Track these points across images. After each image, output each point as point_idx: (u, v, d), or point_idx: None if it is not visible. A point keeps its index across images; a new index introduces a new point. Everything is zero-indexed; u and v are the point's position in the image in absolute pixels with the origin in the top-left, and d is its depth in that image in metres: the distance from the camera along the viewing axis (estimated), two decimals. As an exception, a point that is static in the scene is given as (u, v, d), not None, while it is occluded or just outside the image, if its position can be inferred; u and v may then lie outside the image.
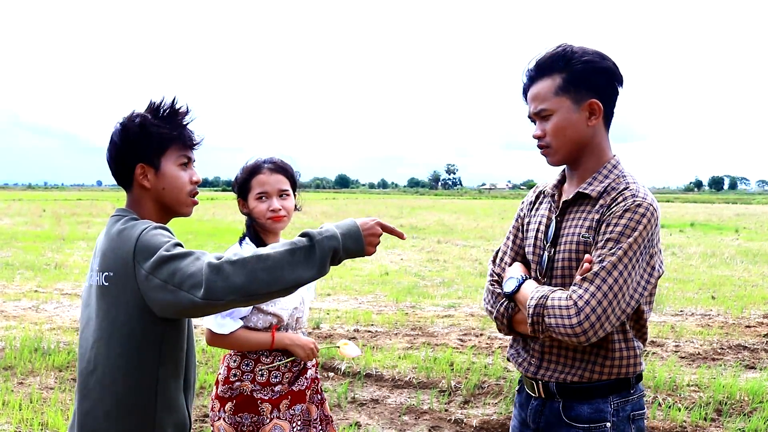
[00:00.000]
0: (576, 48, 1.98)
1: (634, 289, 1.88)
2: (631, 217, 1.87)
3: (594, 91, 1.96)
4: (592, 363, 1.99)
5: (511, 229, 2.28)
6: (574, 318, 1.84)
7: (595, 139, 2.01)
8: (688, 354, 6.83)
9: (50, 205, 39.97)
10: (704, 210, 49.44)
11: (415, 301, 9.60)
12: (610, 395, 1.99)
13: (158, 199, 1.99)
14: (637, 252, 1.87)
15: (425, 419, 4.88)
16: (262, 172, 2.60)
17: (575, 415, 2.01)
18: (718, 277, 12.40)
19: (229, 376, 2.54)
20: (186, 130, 2.01)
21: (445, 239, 20.11)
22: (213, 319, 2.46)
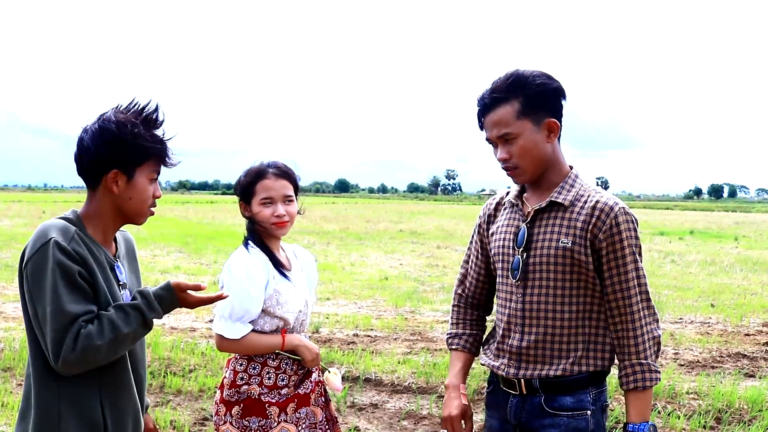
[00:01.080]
0: (527, 72, 2.12)
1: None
2: (630, 227, 2.11)
3: (550, 111, 2.13)
4: (575, 356, 2.14)
5: (472, 246, 2.46)
6: (657, 330, 2.18)
7: (554, 153, 2.18)
8: (687, 362, 6.84)
9: (50, 207, 39.94)
10: (704, 218, 49.50)
11: (414, 306, 9.61)
12: (590, 386, 2.16)
13: (120, 206, 2.01)
14: (640, 255, 2.16)
15: (424, 424, 4.88)
16: (267, 177, 2.58)
17: (558, 405, 2.15)
18: (717, 285, 12.40)
19: (236, 379, 2.53)
20: (167, 148, 2.03)
21: (444, 244, 20.10)
22: (223, 325, 2.45)
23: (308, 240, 20.14)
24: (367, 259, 15.75)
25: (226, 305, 2.43)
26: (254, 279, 2.47)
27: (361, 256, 16.38)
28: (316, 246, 18.54)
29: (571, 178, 2.19)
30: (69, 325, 1.79)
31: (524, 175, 2.17)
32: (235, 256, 2.54)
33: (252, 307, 2.46)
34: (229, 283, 2.46)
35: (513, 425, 2.23)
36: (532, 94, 2.09)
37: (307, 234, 22.44)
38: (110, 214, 2.02)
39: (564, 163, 2.22)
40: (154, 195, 2.05)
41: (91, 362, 1.84)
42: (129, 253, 2.22)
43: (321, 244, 19.36)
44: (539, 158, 2.14)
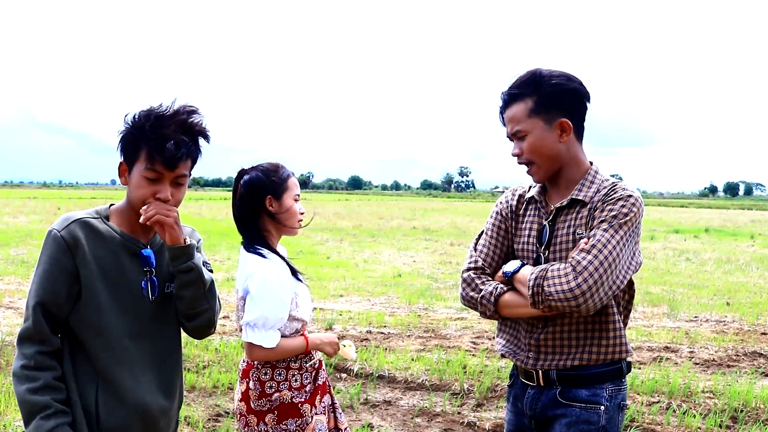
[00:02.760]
0: (545, 72, 2.15)
1: (624, 267, 2.07)
2: (624, 204, 2.08)
3: (563, 111, 2.14)
4: (589, 345, 2.16)
5: (494, 223, 2.38)
6: (572, 282, 2.01)
7: (569, 152, 2.19)
8: (703, 360, 6.79)
9: (65, 204, 40.24)
10: (719, 216, 49.14)
11: (427, 303, 9.59)
12: (606, 382, 2.17)
13: (128, 197, 2.05)
14: (627, 234, 2.07)
15: (438, 422, 4.87)
16: (292, 176, 2.67)
17: (573, 396, 2.17)
18: (733, 283, 12.31)
19: (264, 389, 2.55)
20: (163, 146, 1.93)
21: (458, 242, 20.07)
22: (258, 334, 2.46)
23: (321, 237, 20.18)
24: (380, 256, 15.75)
25: (260, 315, 2.45)
26: (284, 286, 2.51)
27: (374, 253, 16.38)
28: (329, 243, 18.57)
29: (591, 174, 2.21)
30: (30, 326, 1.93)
31: (538, 173, 2.21)
32: (257, 263, 2.51)
33: (285, 314, 2.51)
34: (260, 292, 2.46)
35: (529, 416, 2.27)
36: (546, 94, 2.12)
37: (321, 231, 22.48)
38: (126, 206, 2.06)
39: (584, 161, 2.24)
40: (154, 196, 1.98)
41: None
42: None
43: (334, 240, 19.38)
44: (550, 156, 2.17)
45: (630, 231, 2.07)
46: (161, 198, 1.98)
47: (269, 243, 2.62)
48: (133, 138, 1.95)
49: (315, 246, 17.18)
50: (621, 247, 2.04)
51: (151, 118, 1.94)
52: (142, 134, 1.94)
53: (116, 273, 1.99)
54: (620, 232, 2.05)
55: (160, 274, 2.10)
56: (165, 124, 1.95)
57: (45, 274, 1.93)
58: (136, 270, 2.04)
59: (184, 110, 1.99)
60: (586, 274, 2.00)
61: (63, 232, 1.93)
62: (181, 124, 1.98)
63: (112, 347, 1.98)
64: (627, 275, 2.08)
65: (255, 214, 2.61)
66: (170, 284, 2.12)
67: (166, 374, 2.15)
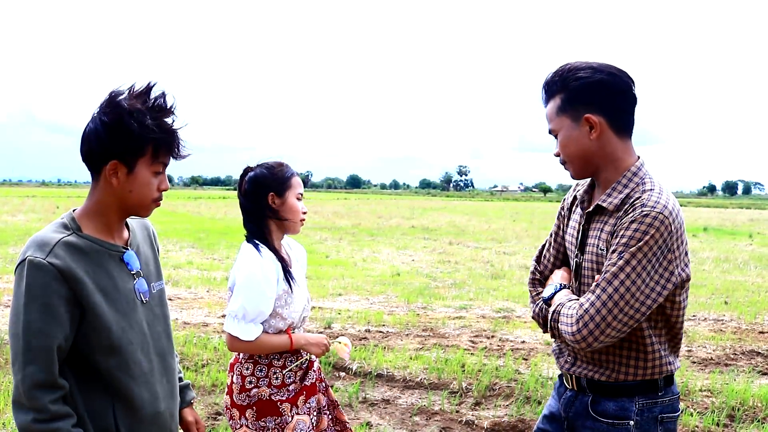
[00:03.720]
0: (573, 66, 2.07)
1: (642, 297, 1.91)
2: (637, 228, 1.91)
3: (590, 106, 2.03)
4: (619, 364, 2.07)
5: (553, 227, 2.37)
6: (573, 326, 1.96)
7: (605, 150, 2.06)
8: (701, 359, 6.80)
9: (63, 202, 40.22)
10: (717, 215, 49.16)
11: (426, 302, 9.60)
12: (636, 395, 2.07)
13: (121, 199, 1.90)
14: (643, 260, 1.90)
15: (436, 420, 4.88)
16: (295, 175, 2.70)
17: (601, 410, 2.10)
18: (731, 282, 12.32)
19: (245, 384, 2.59)
20: (176, 139, 1.91)
21: (456, 241, 20.09)
22: (237, 325, 2.49)
23: (320, 236, 20.18)
24: (379, 254, 15.76)
25: (240, 306, 2.48)
26: (269, 280, 2.52)
27: (372, 251, 16.39)
28: (328, 242, 18.58)
29: (627, 177, 2.05)
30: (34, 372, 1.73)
31: (572, 171, 2.15)
32: (248, 256, 2.55)
33: (266, 309, 2.52)
34: (244, 284, 2.49)
35: (563, 418, 2.24)
36: (571, 89, 2.05)
37: (319, 230, 22.49)
38: (112, 207, 1.91)
39: (623, 158, 2.08)
40: (159, 187, 1.93)
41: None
42: (145, 240, 2.13)
43: (333, 239, 19.39)
44: (580, 155, 2.08)
45: (648, 255, 1.90)
46: (166, 189, 1.95)
47: (269, 239, 2.65)
48: (135, 135, 1.81)
49: (314, 245, 17.19)
50: (634, 278, 1.90)
51: (149, 112, 1.84)
52: (145, 130, 1.82)
53: (110, 286, 1.88)
54: (632, 262, 1.90)
55: (145, 274, 2.04)
56: (164, 114, 1.88)
57: (45, 308, 1.73)
58: (125, 276, 1.94)
59: (164, 96, 1.89)
60: (587, 317, 1.93)
61: (49, 258, 1.75)
62: (169, 111, 1.90)
63: (126, 364, 1.89)
64: (648, 303, 1.92)
65: (258, 210, 2.64)
66: (155, 283, 2.08)
67: (171, 376, 2.11)
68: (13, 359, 1.76)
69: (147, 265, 2.07)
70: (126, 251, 1.97)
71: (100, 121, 1.83)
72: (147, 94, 1.86)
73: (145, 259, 2.07)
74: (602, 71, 2.03)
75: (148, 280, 2.04)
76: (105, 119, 1.82)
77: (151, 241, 2.18)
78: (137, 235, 2.09)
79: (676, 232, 1.94)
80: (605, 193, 2.08)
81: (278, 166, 2.67)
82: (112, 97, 1.84)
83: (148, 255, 2.10)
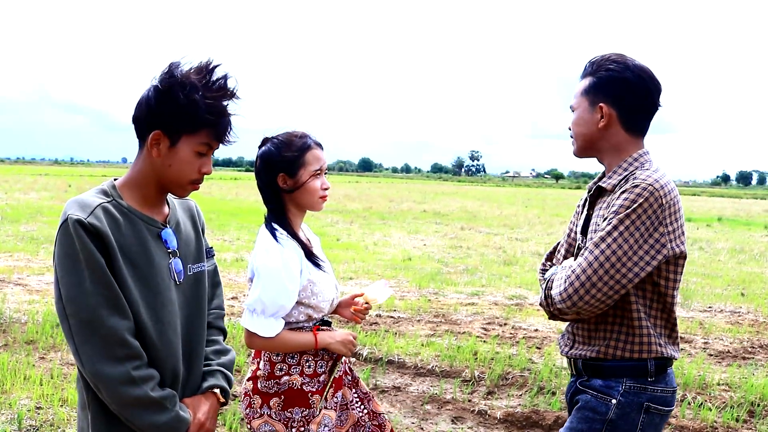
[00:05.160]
0: (612, 57, 2.15)
1: (628, 263, 1.96)
2: (627, 197, 1.98)
3: (608, 98, 2.13)
4: (608, 339, 2.11)
5: (568, 225, 2.42)
6: (560, 287, 2.03)
7: (610, 140, 2.16)
8: (718, 352, 6.68)
9: (76, 181, 40.36)
10: (731, 205, 48.77)
11: (438, 288, 9.50)
12: (624, 377, 2.09)
13: (160, 172, 1.85)
14: (631, 227, 1.95)
15: (448, 409, 4.79)
16: (313, 147, 2.41)
17: (590, 384, 2.16)
18: (747, 273, 12.15)
19: (274, 370, 2.39)
20: (225, 122, 1.85)
21: (468, 226, 19.96)
22: (257, 321, 2.29)
23: (331, 218, 20.09)
24: (390, 239, 15.66)
25: (257, 299, 2.28)
26: (291, 272, 2.30)
27: (384, 235, 16.29)
28: (339, 224, 18.49)
29: (628, 161, 2.14)
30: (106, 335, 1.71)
31: (574, 146, 2.25)
32: (265, 243, 2.34)
33: (288, 303, 2.31)
34: (263, 275, 2.28)
35: (567, 403, 2.31)
36: (598, 77, 2.14)
37: (330, 213, 22.40)
38: (150, 180, 1.87)
39: (626, 150, 2.16)
40: (201, 169, 1.87)
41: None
42: (188, 220, 2.06)
43: (344, 222, 19.30)
44: (584, 136, 2.19)
45: (636, 223, 1.95)
46: (207, 172, 1.89)
47: (289, 221, 2.42)
48: (181, 108, 1.76)
49: (325, 228, 17.11)
50: (621, 242, 1.95)
51: (204, 89, 1.78)
52: (193, 105, 1.76)
53: (144, 260, 1.82)
54: (620, 227, 1.95)
55: (182, 254, 1.97)
56: (220, 96, 1.82)
57: (96, 273, 1.70)
58: (161, 253, 1.88)
59: (226, 78, 1.84)
60: (573, 277, 1.99)
61: (90, 218, 1.71)
62: (226, 94, 1.84)
63: (152, 343, 1.83)
64: (635, 270, 1.96)
65: (271, 191, 2.42)
66: (193, 265, 2.00)
67: (194, 363, 2.02)
68: None
69: (187, 245, 2.00)
70: (164, 228, 1.91)
71: (152, 88, 1.80)
72: (208, 72, 1.81)
73: (186, 239, 2.01)
74: (632, 71, 2.11)
75: (186, 260, 1.98)
76: (157, 86, 1.79)
77: (195, 222, 2.11)
78: (178, 213, 2.03)
79: (669, 207, 1.99)
80: (607, 176, 2.17)
81: (288, 141, 2.39)
82: (171, 66, 1.80)
83: (189, 235, 2.04)
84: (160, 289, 1.85)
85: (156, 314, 1.84)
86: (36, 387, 4.67)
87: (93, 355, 1.71)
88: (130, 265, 1.78)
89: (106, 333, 1.71)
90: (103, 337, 1.71)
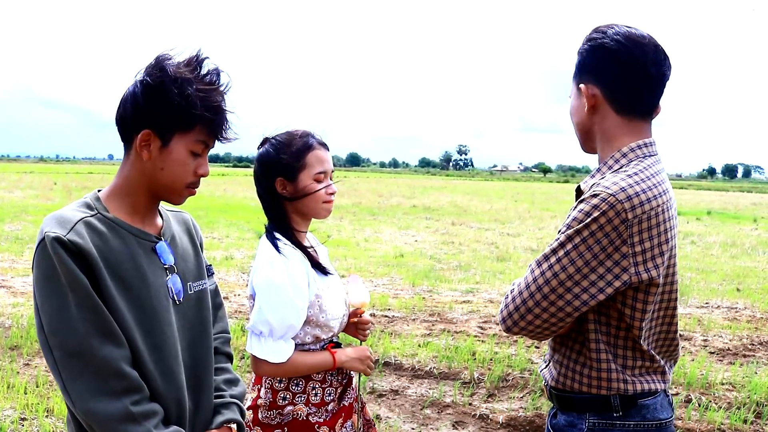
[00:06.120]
0: (598, 27, 1.78)
1: (573, 287, 1.62)
2: (582, 208, 1.63)
3: (589, 75, 1.76)
4: (566, 367, 1.81)
5: None
6: (503, 303, 1.75)
7: (601, 126, 1.78)
8: (718, 349, 6.57)
9: (61, 179, 39.95)
10: (719, 198, 48.98)
11: (432, 285, 9.36)
12: (588, 412, 1.76)
13: (151, 177, 1.65)
14: (581, 245, 1.61)
15: (448, 413, 4.64)
16: (316, 147, 2.17)
17: (554, 423, 1.85)
18: (741, 268, 12.09)
19: (276, 399, 2.14)
20: (222, 118, 1.66)
21: (459, 221, 19.83)
22: (264, 346, 2.04)
23: (321, 215, 19.89)
24: (381, 234, 15.51)
25: (262, 320, 2.03)
26: (298, 286, 2.06)
27: (374, 231, 16.14)
28: (328, 220, 18.30)
29: (614, 157, 1.74)
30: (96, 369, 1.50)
31: (578, 141, 1.89)
32: (267, 256, 2.09)
33: (297, 322, 2.06)
34: (266, 292, 2.04)
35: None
36: (580, 53, 1.79)
37: (320, 209, 22.17)
38: (140, 187, 1.66)
39: (618, 137, 1.76)
40: (197, 171, 1.68)
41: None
42: (184, 233, 1.86)
43: (333, 218, 19.12)
44: (578, 126, 1.84)
45: (587, 240, 1.60)
46: (204, 174, 1.70)
47: (292, 229, 2.19)
48: (174, 104, 1.58)
49: (314, 224, 16.92)
50: (566, 263, 1.62)
51: (196, 83, 1.61)
52: (187, 101, 1.58)
53: (137, 278, 1.60)
54: (567, 245, 1.62)
55: (180, 270, 1.75)
56: (212, 90, 1.64)
57: (81, 296, 1.49)
58: (156, 270, 1.66)
59: (218, 71, 1.67)
60: (510, 297, 1.71)
61: (70, 235, 1.50)
62: (218, 88, 1.67)
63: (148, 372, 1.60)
64: (583, 298, 1.63)
65: (271, 197, 2.19)
66: (193, 283, 1.79)
67: (202, 393, 1.79)
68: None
69: (184, 260, 1.79)
70: (159, 241, 1.71)
71: (139, 83, 1.61)
72: (198, 65, 1.64)
73: (183, 254, 1.79)
74: (611, 37, 1.72)
75: (185, 278, 1.76)
76: (145, 81, 1.60)
77: (192, 236, 1.90)
78: (173, 225, 1.82)
79: (639, 223, 1.61)
80: (589, 175, 1.81)
81: (287, 142, 2.16)
82: (159, 60, 1.61)
83: (187, 250, 1.83)
84: (156, 311, 1.63)
85: (153, 340, 1.62)
86: (20, 396, 4.49)
87: (85, 391, 1.49)
88: (120, 286, 1.57)
89: (99, 365, 1.49)
90: (95, 370, 1.49)
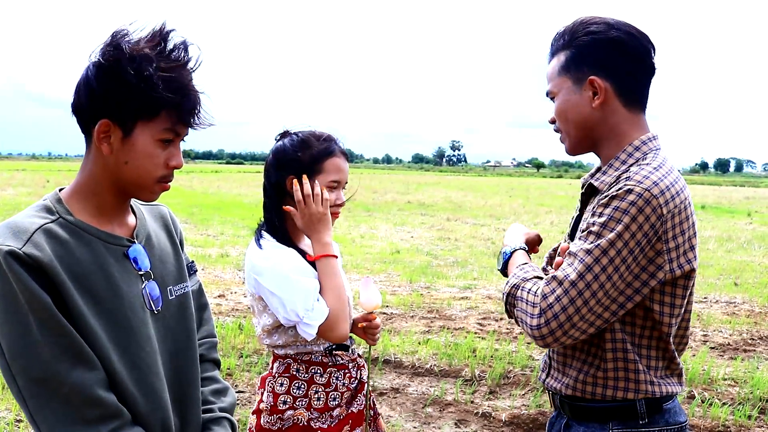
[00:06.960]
0: (586, 20, 1.73)
1: (615, 294, 1.56)
2: (617, 206, 1.56)
3: (597, 67, 1.70)
4: (585, 372, 1.71)
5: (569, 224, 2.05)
6: (535, 319, 1.60)
7: (608, 121, 1.72)
8: (718, 344, 6.55)
9: (54, 176, 39.73)
10: (712, 192, 49.06)
11: (429, 282, 9.31)
12: (611, 421, 1.69)
13: (115, 173, 1.44)
14: (623, 250, 1.54)
15: (450, 412, 4.60)
16: (337, 155, 2.07)
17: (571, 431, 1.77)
18: (737, 262, 12.08)
19: (277, 403, 2.03)
20: (191, 101, 1.43)
21: (454, 217, 19.79)
22: (312, 325, 1.94)
23: (316, 211, 19.82)
24: (376, 231, 15.45)
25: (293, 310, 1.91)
26: (299, 264, 2.00)
27: (370, 228, 16.07)
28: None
29: (627, 151, 1.70)
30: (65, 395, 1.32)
31: (566, 142, 1.80)
32: (261, 256, 2.00)
33: (314, 286, 1.97)
34: (277, 283, 1.93)
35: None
36: (579, 46, 1.71)
37: (315, 205, 22.10)
38: (104, 185, 1.46)
39: (627, 132, 1.72)
40: (168, 163, 1.46)
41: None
42: (161, 230, 1.66)
43: (329, 215, 19.05)
44: (576, 123, 1.75)
45: (627, 244, 1.54)
46: (177, 166, 1.48)
47: (289, 232, 2.09)
48: (132, 87, 1.36)
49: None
50: (609, 272, 1.54)
51: (159, 60, 1.38)
52: (148, 83, 1.36)
53: (107, 290, 1.41)
54: (610, 252, 1.54)
55: (158, 275, 1.56)
56: (179, 68, 1.42)
57: (44, 317, 1.29)
58: (129, 278, 1.47)
59: (186, 45, 1.43)
60: (550, 314, 1.56)
61: (27, 248, 1.30)
62: (186, 66, 1.44)
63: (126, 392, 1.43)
64: (620, 301, 1.57)
65: (277, 193, 2.07)
66: (174, 287, 1.60)
67: (188, 410, 1.61)
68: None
69: (162, 263, 1.59)
70: (132, 245, 1.51)
71: (92, 66, 1.39)
72: (162, 40, 1.40)
73: (161, 255, 1.60)
74: (619, 29, 1.68)
75: (164, 282, 1.57)
76: (98, 62, 1.38)
77: (170, 232, 1.69)
78: (147, 224, 1.61)
79: (673, 217, 1.56)
80: (601, 171, 1.76)
81: (307, 142, 2.04)
82: (114, 36, 1.39)
83: (165, 250, 1.63)
84: (132, 324, 1.44)
85: (131, 358, 1.43)
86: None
87: (55, 422, 1.31)
88: (89, 300, 1.37)
89: (69, 391, 1.31)
90: (65, 398, 1.31)
